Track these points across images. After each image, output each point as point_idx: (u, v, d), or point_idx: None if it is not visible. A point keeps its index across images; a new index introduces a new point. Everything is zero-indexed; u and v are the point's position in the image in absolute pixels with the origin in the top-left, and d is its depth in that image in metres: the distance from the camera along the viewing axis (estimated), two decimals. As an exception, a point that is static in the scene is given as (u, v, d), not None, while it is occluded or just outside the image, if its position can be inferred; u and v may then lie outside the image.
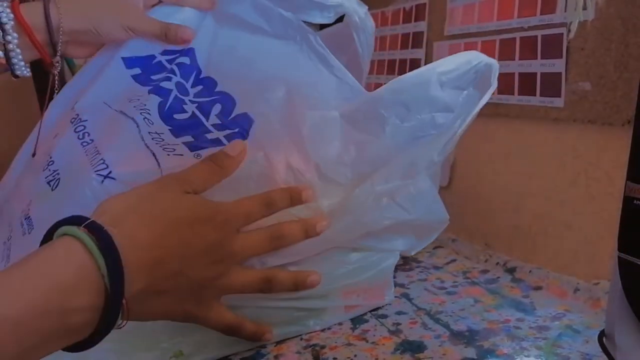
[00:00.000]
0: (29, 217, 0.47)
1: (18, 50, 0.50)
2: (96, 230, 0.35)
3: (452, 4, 0.76)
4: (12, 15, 0.49)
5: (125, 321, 0.37)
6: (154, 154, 0.47)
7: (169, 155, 0.47)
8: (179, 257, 0.40)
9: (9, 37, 0.49)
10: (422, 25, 0.82)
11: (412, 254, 0.57)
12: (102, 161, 0.46)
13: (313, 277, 0.48)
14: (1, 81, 0.55)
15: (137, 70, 0.54)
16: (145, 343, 0.47)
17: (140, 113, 0.49)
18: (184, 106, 0.51)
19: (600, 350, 0.42)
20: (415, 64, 0.84)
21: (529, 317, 0.54)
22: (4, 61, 0.51)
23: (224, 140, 0.49)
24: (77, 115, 0.51)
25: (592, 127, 0.58)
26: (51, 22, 0.51)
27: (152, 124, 0.49)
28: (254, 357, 0.50)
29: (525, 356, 0.47)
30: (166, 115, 0.50)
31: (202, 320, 0.45)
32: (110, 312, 0.35)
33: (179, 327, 0.48)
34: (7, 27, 0.49)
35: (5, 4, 0.50)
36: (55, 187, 0.46)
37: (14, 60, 0.51)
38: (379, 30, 0.94)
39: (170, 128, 0.49)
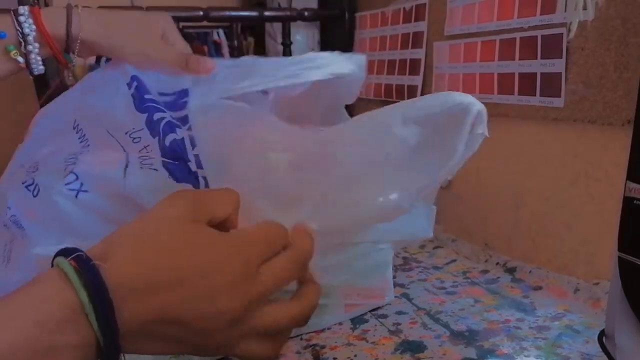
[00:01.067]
0: (17, 220, 0.47)
1: (38, 58, 0.52)
2: (83, 263, 0.33)
3: (452, 4, 0.76)
4: (34, 27, 0.51)
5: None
6: (127, 157, 0.46)
7: (142, 168, 0.46)
8: (184, 307, 0.34)
9: (30, 47, 0.51)
10: (422, 25, 0.82)
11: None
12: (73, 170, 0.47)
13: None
14: (1, 82, 0.55)
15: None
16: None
17: (139, 151, 0.48)
18: (177, 130, 0.50)
19: (600, 350, 0.42)
20: (415, 64, 0.84)
21: (529, 317, 0.54)
22: (23, 66, 0.52)
23: (201, 180, 0.47)
24: (84, 135, 0.51)
25: (592, 127, 0.58)
26: (71, 34, 0.52)
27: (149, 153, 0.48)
28: (254, 357, 0.50)
29: (525, 356, 0.47)
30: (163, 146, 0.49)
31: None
32: (107, 352, 0.32)
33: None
34: (30, 38, 0.51)
35: (26, 14, 0.51)
36: (36, 195, 0.47)
37: (33, 65, 0.52)
38: (379, 30, 0.94)
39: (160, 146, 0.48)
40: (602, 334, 0.42)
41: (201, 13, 0.91)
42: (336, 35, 1.05)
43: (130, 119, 0.49)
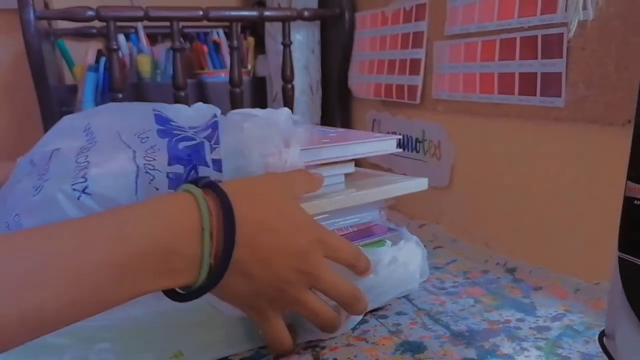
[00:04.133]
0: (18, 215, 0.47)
1: None
2: (213, 188, 0.40)
3: (453, 3, 0.75)
4: None
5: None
6: (136, 175, 0.46)
7: (149, 182, 0.46)
8: (275, 248, 0.42)
9: None
10: (422, 25, 0.82)
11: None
12: (84, 175, 0.46)
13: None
14: (1, 81, 0.55)
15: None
16: (145, 343, 0.47)
17: (146, 151, 0.49)
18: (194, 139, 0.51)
19: (601, 350, 0.42)
20: (415, 64, 0.84)
21: (530, 318, 0.54)
22: None
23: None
24: (93, 137, 0.51)
25: (592, 127, 0.58)
26: None
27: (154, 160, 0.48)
28: (253, 358, 0.49)
29: (526, 356, 0.47)
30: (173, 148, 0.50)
31: (292, 304, 0.46)
32: (221, 262, 0.39)
33: (178, 328, 0.48)
34: None
35: None
36: (37, 193, 0.46)
37: None
38: (379, 29, 0.94)
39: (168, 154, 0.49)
40: (602, 334, 0.42)
41: (201, 13, 0.91)
42: (336, 35, 1.04)
43: (145, 124, 0.51)
